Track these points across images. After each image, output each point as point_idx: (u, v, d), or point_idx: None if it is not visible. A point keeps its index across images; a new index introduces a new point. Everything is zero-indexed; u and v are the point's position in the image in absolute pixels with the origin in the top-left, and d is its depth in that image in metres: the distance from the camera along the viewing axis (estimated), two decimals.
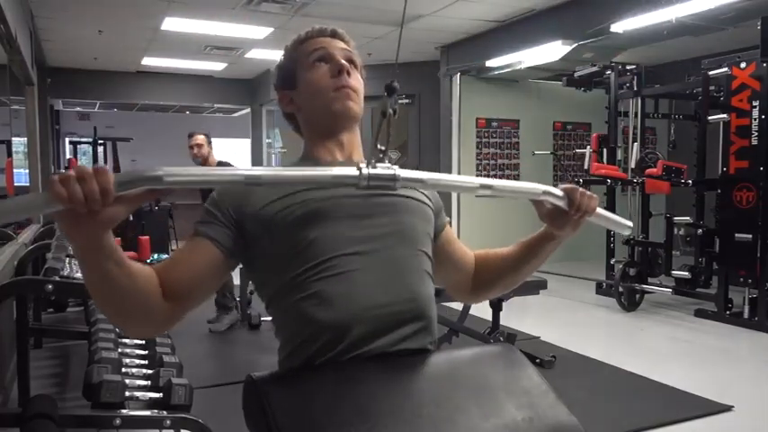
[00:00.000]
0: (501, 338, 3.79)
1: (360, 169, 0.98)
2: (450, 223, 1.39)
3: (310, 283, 1.07)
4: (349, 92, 1.19)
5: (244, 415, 1.06)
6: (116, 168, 8.83)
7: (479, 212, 7.63)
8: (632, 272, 5.51)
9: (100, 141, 8.88)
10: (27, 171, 5.64)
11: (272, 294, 1.13)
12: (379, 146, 1.01)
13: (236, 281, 5.10)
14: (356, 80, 1.21)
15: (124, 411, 1.87)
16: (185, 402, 1.94)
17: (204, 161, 4.64)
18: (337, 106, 1.18)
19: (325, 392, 0.99)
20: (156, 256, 7.41)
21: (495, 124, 7.83)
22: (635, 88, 5.81)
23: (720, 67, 5.05)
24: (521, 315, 4.96)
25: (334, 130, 1.21)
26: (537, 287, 3.90)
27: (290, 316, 1.10)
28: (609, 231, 5.99)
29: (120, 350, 2.34)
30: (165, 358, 2.21)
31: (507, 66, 6.84)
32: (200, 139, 4.69)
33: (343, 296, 1.06)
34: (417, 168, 1.33)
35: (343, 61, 1.20)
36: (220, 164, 4.62)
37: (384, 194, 1.15)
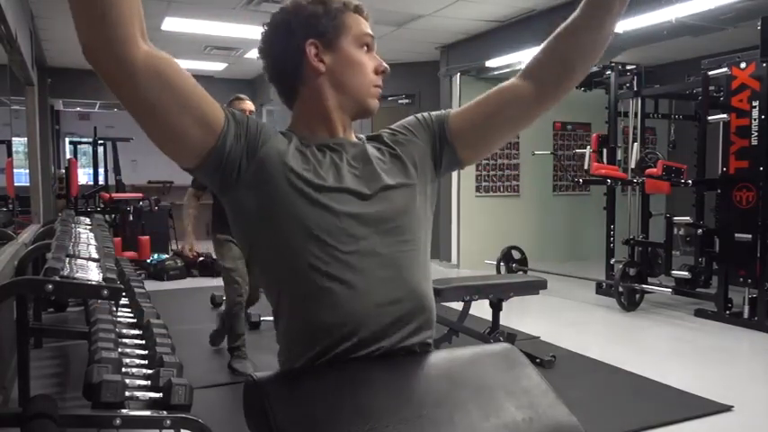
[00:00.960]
0: (501, 338, 3.79)
1: None
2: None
3: (312, 280, 1.06)
4: (380, 93, 1.21)
5: (244, 415, 1.06)
6: (116, 169, 8.83)
7: (479, 213, 7.63)
8: (632, 272, 5.51)
9: (100, 141, 8.88)
10: (27, 171, 5.64)
11: (271, 281, 1.12)
12: None
13: None
14: None
15: (124, 411, 1.87)
16: (185, 402, 1.94)
17: None
18: (372, 103, 1.19)
19: (326, 393, 0.99)
20: (156, 256, 7.42)
21: None
22: (635, 88, 5.82)
23: (720, 67, 5.05)
24: (521, 315, 4.97)
25: (352, 115, 1.21)
26: (537, 287, 3.90)
27: (292, 311, 1.10)
28: (609, 231, 5.99)
29: (120, 350, 2.33)
30: (165, 358, 2.21)
31: (507, 66, 6.84)
32: (252, 105, 4.17)
33: (347, 297, 1.06)
34: None
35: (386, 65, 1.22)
36: None
37: (384, 188, 1.15)
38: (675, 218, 5.47)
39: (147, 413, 1.92)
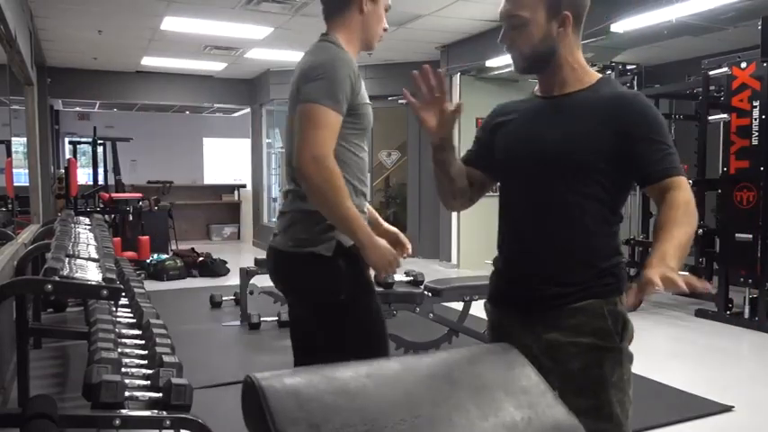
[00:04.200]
0: None
1: None
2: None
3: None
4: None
5: (243, 415, 1.06)
6: (116, 169, 8.84)
7: (479, 213, 7.61)
8: (632, 272, 5.51)
9: (100, 141, 8.87)
10: (26, 171, 5.64)
11: None
12: None
13: (237, 280, 5.11)
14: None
15: (124, 411, 1.87)
16: (185, 402, 1.94)
17: None
18: (376, 45, 1.91)
19: (325, 393, 0.99)
20: (156, 255, 7.42)
21: None
22: (635, 88, 5.81)
23: (720, 67, 5.05)
24: None
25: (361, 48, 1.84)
26: None
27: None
28: None
29: (120, 350, 2.33)
30: (165, 358, 2.21)
31: (507, 66, 6.84)
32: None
33: None
34: (418, 169, 1.32)
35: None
36: None
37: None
38: None
39: (147, 413, 1.92)
